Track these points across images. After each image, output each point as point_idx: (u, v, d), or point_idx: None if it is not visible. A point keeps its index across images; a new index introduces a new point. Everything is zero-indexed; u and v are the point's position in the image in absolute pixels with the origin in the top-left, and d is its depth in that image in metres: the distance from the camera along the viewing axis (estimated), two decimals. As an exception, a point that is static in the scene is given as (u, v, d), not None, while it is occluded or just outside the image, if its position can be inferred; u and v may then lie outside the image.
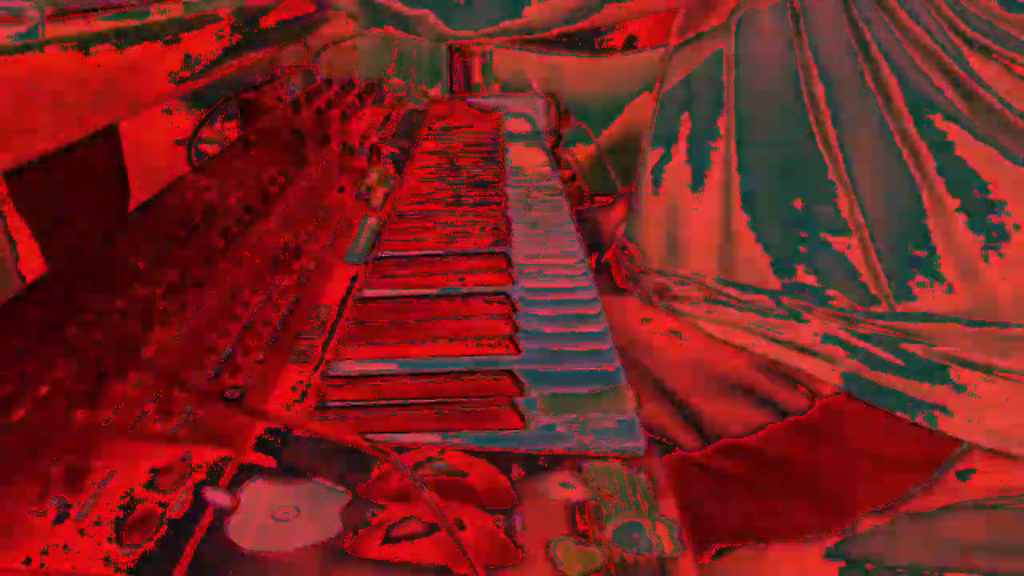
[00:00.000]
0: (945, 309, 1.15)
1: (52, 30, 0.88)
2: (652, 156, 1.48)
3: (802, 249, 1.25)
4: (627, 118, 2.78)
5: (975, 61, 1.05)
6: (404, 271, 1.31)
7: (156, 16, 1.14)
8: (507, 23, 1.31)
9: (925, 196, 1.14)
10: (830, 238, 1.22)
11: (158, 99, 1.21)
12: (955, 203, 1.13)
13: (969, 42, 1.05)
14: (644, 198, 1.46)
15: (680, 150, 1.42)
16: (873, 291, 1.20)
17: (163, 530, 0.68)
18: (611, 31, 1.86)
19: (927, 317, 1.16)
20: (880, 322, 1.18)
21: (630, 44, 2.01)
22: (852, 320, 1.19)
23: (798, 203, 1.25)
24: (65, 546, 0.66)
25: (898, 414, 1.13)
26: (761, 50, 1.22)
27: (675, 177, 1.44)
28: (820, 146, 1.18)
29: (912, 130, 1.12)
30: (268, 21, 1.71)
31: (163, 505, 0.71)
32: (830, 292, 1.23)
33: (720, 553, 1.33)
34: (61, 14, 1.00)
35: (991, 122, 1.06)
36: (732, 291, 1.31)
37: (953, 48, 1.05)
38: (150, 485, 0.74)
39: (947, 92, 1.07)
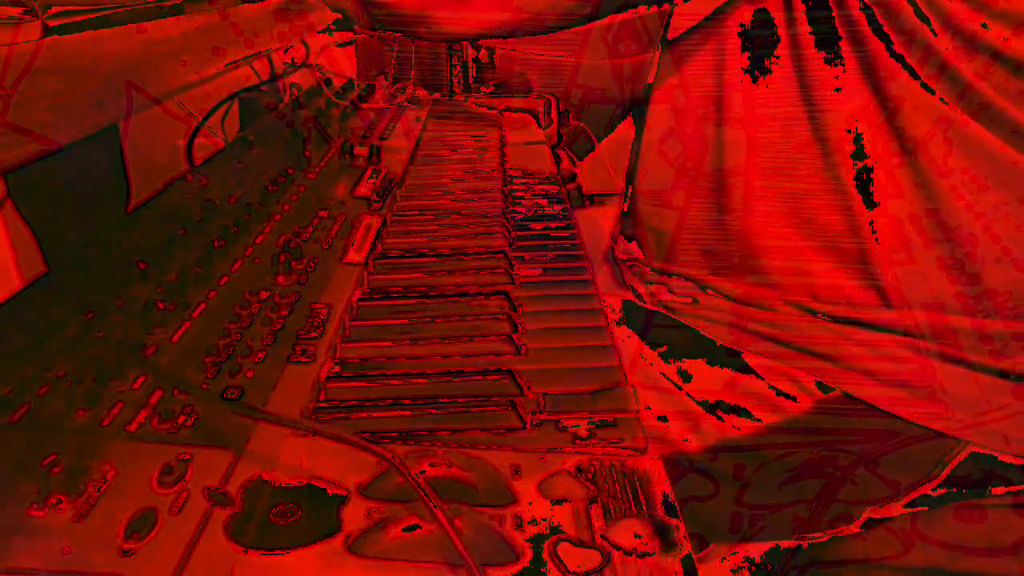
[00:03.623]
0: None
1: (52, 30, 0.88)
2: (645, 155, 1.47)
3: (799, 249, 1.24)
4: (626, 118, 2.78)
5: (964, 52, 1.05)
6: (404, 271, 1.31)
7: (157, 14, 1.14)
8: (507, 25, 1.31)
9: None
10: (831, 239, 1.21)
11: (159, 98, 1.21)
12: None
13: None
14: (639, 197, 1.46)
15: (673, 148, 1.41)
16: (875, 291, 1.20)
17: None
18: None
19: (932, 316, 1.15)
20: (882, 323, 1.18)
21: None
22: (852, 320, 1.19)
23: (795, 200, 1.24)
24: (65, 547, 0.66)
25: (900, 415, 1.13)
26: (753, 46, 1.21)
27: (668, 176, 1.44)
28: (822, 146, 1.18)
29: (906, 123, 1.11)
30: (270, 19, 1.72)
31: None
32: (827, 293, 1.23)
33: (720, 552, 1.33)
34: (61, 14, 1.00)
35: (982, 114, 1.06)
36: (726, 291, 1.30)
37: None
38: (150, 485, 0.74)
39: (941, 88, 1.07)
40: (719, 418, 1.25)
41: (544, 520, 0.70)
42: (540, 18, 1.38)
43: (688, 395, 1.27)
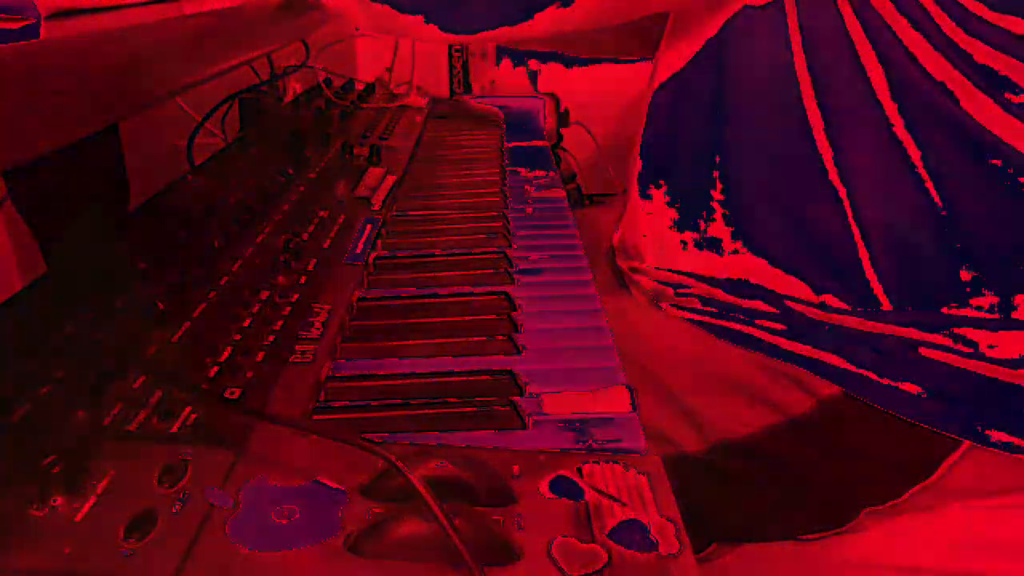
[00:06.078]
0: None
1: (52, 29, 0.88)
2: (639, 157, 1.47)
3: (798, 253, 1.25)
4: (627, 118, 2.79)
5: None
6: (404, 272, 1.31)
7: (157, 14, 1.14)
8: (507, 28, 1.31)
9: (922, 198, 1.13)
10: (827, 241, 1.22)
11: (159, 98, 1.20)
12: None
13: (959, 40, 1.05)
14: (635, 198, 1.46)
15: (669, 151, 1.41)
16: (874, 293, 1.20)
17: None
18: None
19: (934, 316, 1.15)
20: (883, 325, 1.18)
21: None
22: (852, 318, 1.19)
23: (792, 206, 1.24)
24: (65, 547, 0.66)
25: (900, 414, 1.13)
26: (753, 50, 1.21)
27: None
28: (816, 148, 1.18)
29: (907, 132, 1.11)
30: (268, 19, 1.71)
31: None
32: (828, 296, 1.23)
33: (720, 552, 1.33)
34: (61, 13, 1.00)
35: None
36: (726, 294, 1.30)
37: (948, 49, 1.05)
38: (150, 485, 0.74)
39: (942, 87, 1.07)
40: (719, 417, 1.25)
41: (544, 520, 0.70)
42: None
43: (689, 394, 1.27)
